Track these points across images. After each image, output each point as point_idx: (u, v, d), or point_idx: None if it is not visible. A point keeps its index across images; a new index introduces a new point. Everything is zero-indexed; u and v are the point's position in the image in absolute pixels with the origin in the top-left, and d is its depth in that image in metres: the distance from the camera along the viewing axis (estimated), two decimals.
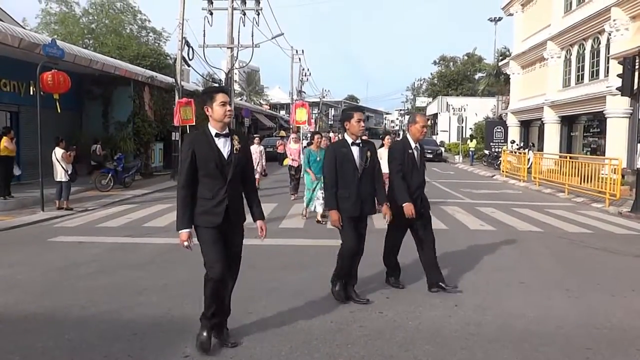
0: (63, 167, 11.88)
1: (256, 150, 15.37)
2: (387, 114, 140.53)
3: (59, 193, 12.06)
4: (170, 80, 22.48)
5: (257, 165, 14.83)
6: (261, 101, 66.54)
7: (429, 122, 62.50)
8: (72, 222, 10.61)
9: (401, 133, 66.37)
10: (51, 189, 12.30)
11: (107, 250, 7.93)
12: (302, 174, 12.28)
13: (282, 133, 34.88)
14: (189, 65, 23.11)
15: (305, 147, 28.64)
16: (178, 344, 4.33)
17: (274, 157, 24.62)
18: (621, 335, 4.69)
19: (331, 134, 23.28)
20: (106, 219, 10.97)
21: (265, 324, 4.77)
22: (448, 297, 5.64)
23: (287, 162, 14.76)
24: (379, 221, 7.20)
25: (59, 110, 12.26)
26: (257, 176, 14.26)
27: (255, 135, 17.86)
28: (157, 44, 37.66)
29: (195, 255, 7.47)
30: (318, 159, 10.35)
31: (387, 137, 11.29)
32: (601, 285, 6.31)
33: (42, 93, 12.06)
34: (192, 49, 23.07)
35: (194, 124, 18.10)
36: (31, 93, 15.92)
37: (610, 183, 13.90)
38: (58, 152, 11.94)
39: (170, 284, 6.07)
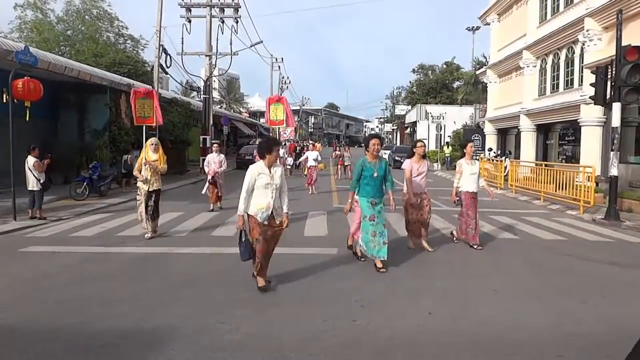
0: (35, 176, 11.65)
1: (214, 159, 13.78)
2: (367, 121, 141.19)
3: (31, 202, 11.82)
4: (148, 87, 22.29)
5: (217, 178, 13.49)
6: (241, 109, 66.39)
7: (408, 130, 63.25)
8: (45, 232, 10.40)
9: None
10: (24, 198, 12.07)
11: (79, 261, 7.78)
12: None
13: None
14: (166, 73, 22.99)
15: (288, 156, 28.65)
16: (147, 356, 4.25)
17: None
18: (592, 341, 4.73)
19: (311, 144, 23.32)
20: (80, 228, 10.78)
21: (238, 335, 4.71)
22: (421, 305, 5.64)
23: None
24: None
25: (27, 118, 11.99)
26: (208, 188, 13.29)
27: (214, 142, 16.10)
28: (135, 52, 37.36)
29: (167, 265, 7.42)
30: (375, 174, 7.38)
31: (420, 143, 9.58)
32: (573, 292, 6.38)
33: (15, 101, 11.84)
34: (170, 56, 22.97)
35: (154, 126, 16.06)
36: (5, 101, 15.63)
37: (585, 190, 14.10)
38: (30, 160, 11.71)
39: (141, 294, 5.97)
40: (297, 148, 32.11)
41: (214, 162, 13.65)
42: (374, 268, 7.23)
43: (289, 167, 27.02)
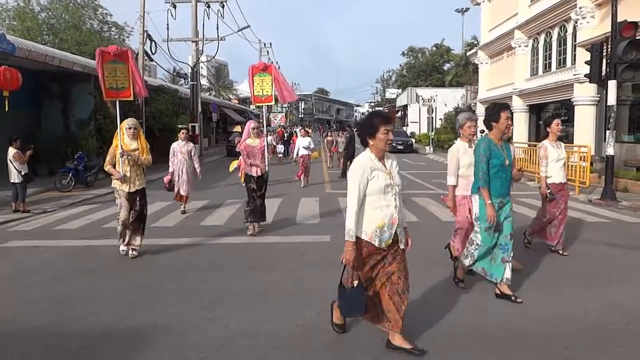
0: (16, 168, 11.28)
1: (180, 148, 11.00)
2: (357, 106, 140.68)
3: (14, 195, 11.45)
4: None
5: (182, 172, 10.83)
6: (230, 96, 65.74)
7: (399, 114, 63.02)
8: (28, 225, 10.06)
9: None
10: (8, 191, 11.72)
11: (62, 255, 7.47)
12: (262, 190, 8.75)
13: (238, 128, 30.46)
14: (151, 60, 22.49)
15: (276, 142, 27.19)
16: (129, 357, 3.97)
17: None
18: (600, 331, 4.50)
19: (300, 130, 21.74)
20: (64, 220, 10.45)
21: (226, 331, 4.45)
22: (418, 295, 5.38)
23: (234, 165, 9.69)
24: None
25: (6, 109, 11.60)
26: (183, 190, 10.82)
27: (180, 127, 12.86)
28: (120, 39, 36.64)
29: (153, 258, 7.13)
30: (507, 162, 5.25)
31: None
32: (576, 277, 6.16)
33: None
34: (155, 42, 22.50)
35: (135, 101, 14.25)
36: None
37: (580, 171, 13.91)
38: (10, 152, 11.33)
39: (124, 290, 5.68)
40: (285, 135, 30.53)
41: (180, 152, 10.94)
42: None
43: (280, 155, 26.30)
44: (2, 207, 11.35)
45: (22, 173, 11.36)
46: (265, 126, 10.83)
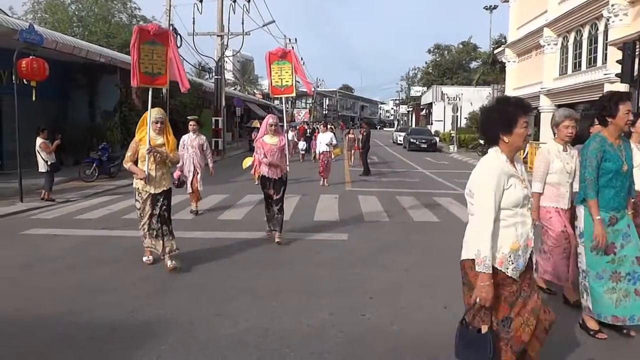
0: (43, 158, 11.44)
1: (191, 142, 10.08)
2: (382, 103, 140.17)
3: (46, 184, 11.64)
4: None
5: (190, 165, 9.95)
6: (255, 91, 65.95)
7: (423, 112, 62.48)
8: (50, 214, 10.16)
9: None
10: (35, 179, 11.96)
11: (79, 244, 7.50)
12: (280, 194, 7.70)
13: (256, 123, 27.97)
14: None
15: (298, 139, 26.39)
16: (134, 352, 3.92)
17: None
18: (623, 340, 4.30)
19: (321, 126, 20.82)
20: (86, 210, 10.53)
21: (235, 329, 4.37)
22: (437, 297, 5.24)
23: (247, 163, 8.43)
24: None
25: (33, 99, 11.77)
26: (189, 185, 9.87)
27: (190, 118, 10.62)
28: None
29: None
30: (625, 167, 4.21)
31: None
32: None
33: (25, 82, 11.65)
34: (181, 36, 22.59)
35: (165, 90, 13.26)
36: (13, 81, 15.42)
37: None
38: (38, 142, 11.51)
39: (138, 281, 5.66)
40: (308, 131, 28.95)
41: (190, 145, 10.03)
42: None
43: (302, 152, 25.36)
44: (27, 195, 11.49)
45: (49, 163, 11.51)
46: (286, 122, 9.83)
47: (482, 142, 29.48)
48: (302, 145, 25.69)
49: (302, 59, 56.77)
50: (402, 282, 5.76)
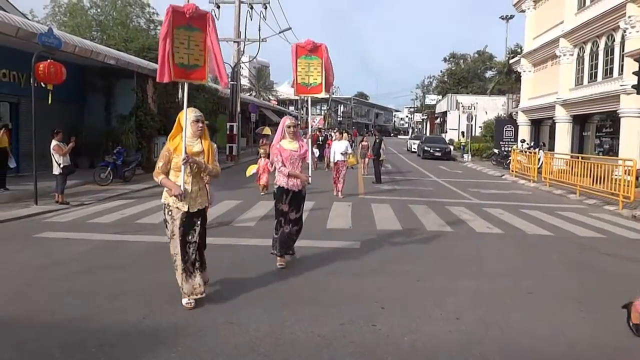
0: (56, 160, 11.53)
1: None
2: (396, 111, 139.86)
3: (56, 186, 11.73)
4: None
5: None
6: (270, 97, 66.15)
7: (438, 120, 62.22)
8: (64, 217, 10.24)
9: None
10: (50, 182, 12.12)
11: (92, 248, 7.54)
12: (299, 212, 6.85)
13: (267, 130, 27.59)
14: None
15: (315, 145, 25.73)
16: (144, 359, 3.91)
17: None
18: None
19: (335, 133, 20.26)
20: (99, 214, 10.59)
21: (245, 336, 4.35)
22: (449, 308, 5.19)
23: (252, 170, 8.02)
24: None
25: (50, 102, 11.92)
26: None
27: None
28: None
29: None
30: None
31: None
32: (615, 297, 5.82)
33: (42, 85, 11.84)
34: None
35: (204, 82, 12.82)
36: (31, 84, 15.65)
37: (624, 185, 13.36)
38: (52, 144, 11.61)
39: (150, 287, 5.66)
40: (320, 138, 28.02)
41: None
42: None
43: (315, 160, 24.90)
44: (42, 198, 11.61)
45: (62, 165, 11.59)
46: (309, 126, 8.57)
47: (495, 151, 29.35)
48: (315, 152, 25.33)
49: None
50: (414, 292, 5.72)
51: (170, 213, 5.06)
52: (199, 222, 5.17)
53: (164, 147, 5.15)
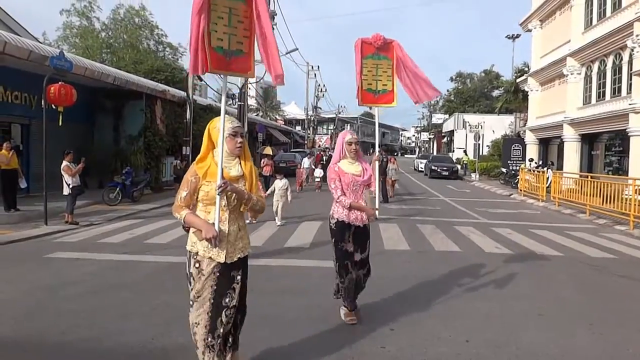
0: (65, 181, 11.65)
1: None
2: (403, 130, 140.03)
3: (67, 207, 11.82)
4: (183, 94, 22.24)
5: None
6: (277, 117, 66.52)
7: (445, 139, 62.23)
8: (74, 237, 10.29)
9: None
10: (60, 202, 12.25)
11: (101, 269, 7.57)
12: (366, 251, 5.62)
13: (268, 150, 27.56)
14: (201, 80, 22.93)
15: (314, 166, 25.33)
16: None
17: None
18: None
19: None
20: (108, 234, 10.64)
21: (253, 357, 4.33)
22: (459, 330, 5.15)
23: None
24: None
25: (60, 123, 12.09)
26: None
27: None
28: (173, 59, 37.74)
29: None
30: None
31: None
32: (628, 319, 5.77)
33: (53, 107, 12.03)
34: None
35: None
36: (42, 106, 15.86)
37: (635, 204, 13.27)
38: (63, 165, 11.75)
39: (159, 308, 5.66)
40: (324, 158, 28.12)
41: None
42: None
43: (318, 180, 23.67)
44: (52, 218, 11.70)
45: (71, 186, 11.69)
46: (376, 148, 6.77)
47: (503, 170, 29.30)
48: (318, 172, 24.81)
49: (324, 85, 56.89)
50: (423, 314, 5.68)
51: (198, 265, 3.56)
52: (239, 277, 3.69)
53: (188, 171, 3.65)
